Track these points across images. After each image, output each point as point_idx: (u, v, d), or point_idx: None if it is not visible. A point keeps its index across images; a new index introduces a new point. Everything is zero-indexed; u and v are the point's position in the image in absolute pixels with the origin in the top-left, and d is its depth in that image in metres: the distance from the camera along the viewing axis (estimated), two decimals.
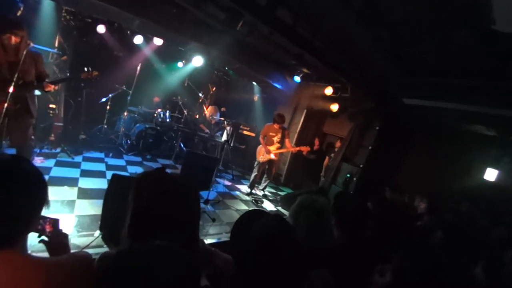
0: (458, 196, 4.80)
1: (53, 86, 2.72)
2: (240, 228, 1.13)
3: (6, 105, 2.38)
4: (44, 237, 1.04)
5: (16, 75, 2.37)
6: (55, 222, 1.05)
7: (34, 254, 0.82)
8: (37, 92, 2.85)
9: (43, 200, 0.78)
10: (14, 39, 2.32)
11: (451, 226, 2.77)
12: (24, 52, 2.39)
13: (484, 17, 2.25)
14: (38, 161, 3.90)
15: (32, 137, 2.95)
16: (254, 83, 7.10)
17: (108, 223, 2.60)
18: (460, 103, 4.04)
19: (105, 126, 5.83)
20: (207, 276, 1.22)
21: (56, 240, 1.05)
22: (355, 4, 2.81)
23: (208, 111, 6.93)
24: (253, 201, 5.00)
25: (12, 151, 2.92)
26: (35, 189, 0.75)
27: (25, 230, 0.77)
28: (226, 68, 6.90)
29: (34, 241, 1.06)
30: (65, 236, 1.11)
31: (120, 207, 2.64)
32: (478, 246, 2.45)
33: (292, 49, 4.54)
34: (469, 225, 3.05)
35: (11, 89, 2.37)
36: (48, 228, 1.02)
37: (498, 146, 4.95)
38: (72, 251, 1.12)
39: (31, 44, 2.49)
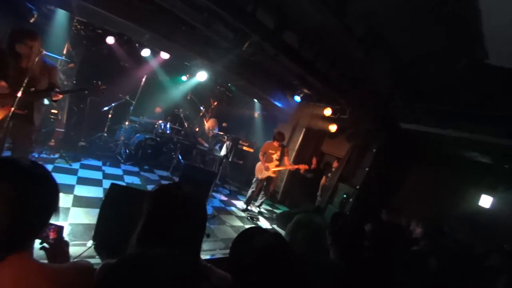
0: (454, 221, 4.81)
1: (61, 96, 2.78)
2: (239, 245, 1.14)
3: (13, 109, 2.41)
4: (45, 244, 1.04)
5: (26, 81, 2.42)
6: (59, 229, 1.05)
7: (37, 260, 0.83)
8: (45, 102, 2.90)
9: (56, 207, 0.80)
10: (25, 48, 2.38)
11: (448, 253, 2.77)
12: (36, 59, 2.45)
13: (478, 49, 2.38)
14: None
15: (33, 144, 2.97)
16: (255, 100, 7.24)
17: (102, 233, 2.57)
18: (456, 130, 4.14)
19: (105, 134, 5.85)
20: None
21: (58, 247, 1.05)
22: (357, 31, 2.96)
23: (207, 123, 6.99)
24: (249, 217, 4.95)
25: (7, 153, 2.94)
26: (51, 195, 0.77)
27: (37, 235, 0.78)
28: (229, 84, 7.06)
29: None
30: (67, 244, 1.11)
31: (117, 217, 2.62)
32: (474, 274, 2.45)
33: (295, 70, 4.70)
34: (466, 252, 3.05)
35: (19, 94, 2.42)
36: (52, 235, 1.03)
37: (493, 174, 5.03)
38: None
39: (43, 52, 2.57)
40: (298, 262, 1.30)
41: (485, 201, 4.94)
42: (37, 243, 1.08)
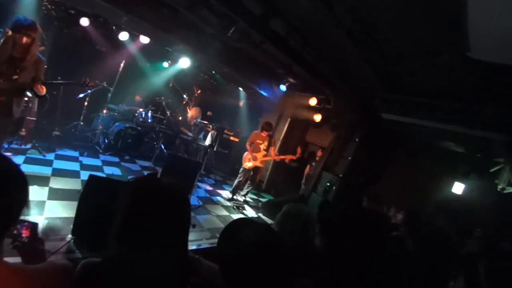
0: (431, 207, 5.09)
1: (44, 89, 2.62)
2: (228, 236, 1.11)
3: None
4: (17, 243, 0.95)
5: (10, 69, 2.36)
6: (33, 226, 0.97)
7: (7, 260, 0.76)
8: (28, 94, 2.76)
9: (25, 202, 0.72)
10: (25, 39, 2.35)
11: (426, 238, 2.92)
12: (31, 50, 2.42)
13: (462, 43, 2.44)
14: None
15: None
16: (241, 88, 7.12)
17: (81, 226, 2.46)
18: (433, 121, 4.31)
19: (82, 123, 5.54)
20: (193, 286, 1.18)
21: (32, 246, 0.97)
22: (345, 22, 2.93)
23: (191, 112, 6.82)
24: (234, 207, 4.95)
25: None
26: (18, 189, 0.70)
27: (4, 235, 0.71)
28: (214, 72, 6.87)
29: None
30: (42, 242, 1.03)
31: (96, 210, 2.52)
32: (453, 259, 2.60)
33: (281, 59, 4.63)
34: (443, 237, 3.23)
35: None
36: (25, 233, 0.94)
37: (466, 162, 5.33)
38: None
39: (43, 49, 2.47)
40: (287, 253, 1.30)
41: (458, 188, 5.24)
42: (8, 242, 1.00)
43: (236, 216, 4.60)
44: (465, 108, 3.99)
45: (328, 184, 5.35)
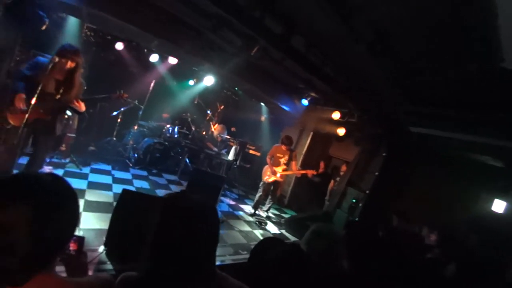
0: (466, 227, 4.70)
1: (84, 106, 2.86)
2: (259, 254, 1.13)
3: (27, 115, 2.47)
4: (65, 256, 1.03)
5: (54, 90, 2.60)
6: (80, 240, 1.05)
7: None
8: (68, 113, 3.02)
9: (78, 219, 0.79)
10: (69, 64, 2.60)
11: (466, 261, 2.71)
12: (75, 74, 2.68)
13: (494, 54, 2.34)
14: (47, 170, 3.93)
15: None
16: (262, 104, 7.24)
17: (114, 239, 2.58)
18: (467, 134, 4.07)
19: (114, 139, 5.91)
20: None
21: (78, 259, 1.05)
22: (365, 37, 2.94)
23: (216, 129, 7.02)
24: (257, 222, 4.92)
25: (25, 159, 3.00)
26: (73, 208, 0.77)
27: (62, 251, 0.78)
28: (236, 88, 7.08)
29: None
30: (86, 255, 1.10)
31: (128, 223, 2.64)
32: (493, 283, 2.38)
33: (302, 73, 4.69)
34: (484, 260, 2.96)
35: (33, 100, 2.48)
36: (72, 247, 1.02)
37: (506, 178, 4.91)
38: None
39: (82, 71, 2.75)
40: (315, 273, 1.29)
41: (498, 206, 4.82)
42: None
43: (258, 232, 4.56)
44: (500, 119, 3.74)
45: (353, 200, 5.17)
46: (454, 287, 2.53)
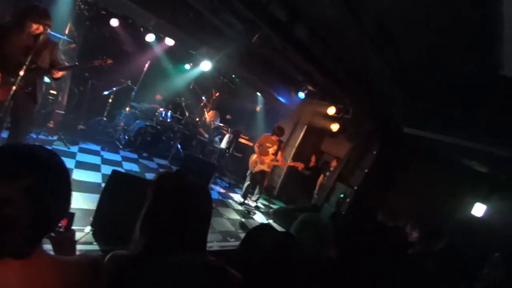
0: (448, 226, 4.89)
1: (61, 73, 2.70)
2: (251, 241, 1.13)
3: (14, 87, 2.35)
4: (53, 232, 1.00)
5: (29, 59, 2.36)
6: (71, 216, 1.01)
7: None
8: (46, 80, 2.84)
9: (71, 194, 0.76)
10: (41, 28, 2.38)
11: (443, 258, 2.81)
12: (41, 38, 2.41)
13: (494, 60, 2.36)
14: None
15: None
16: (259, 93, 7.17)
17: (101, 219, 2.54)
18: (457, 138, 4.16)
19: (105, 119, 5.75)
20: None
21: (66, 236, 1.01)
22: (368, 29, 2.91)
23: (209, 115, 6.93)
24: (246, 211, 4.96)
25: (5, 133, 2.87)
26: (67, 183, 0.74)
27: (56, 226, 0.75)
28: (233, 75, 6.97)
29: None
30: (73, 233, 1.07)
31: (116, 204, 2.60)
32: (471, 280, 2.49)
33: (301, 66, 4.65)
34: (460, 258, 3.09)
35: (21, 72, 2.36)
36: (63, 222, 0.99)
37: (489, 183, 5.10)
38: None
39: (49, 31, 2.50)
40: (304, 261, 1.30)
41: (478, 209, 5.00)
42: None
43: (246, 220, 4.60)
44: (491, 126, 3.84)
45: (341, 195, 5.26)
46: (432, 282, 2.63)
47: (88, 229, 2.57)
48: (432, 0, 2.20)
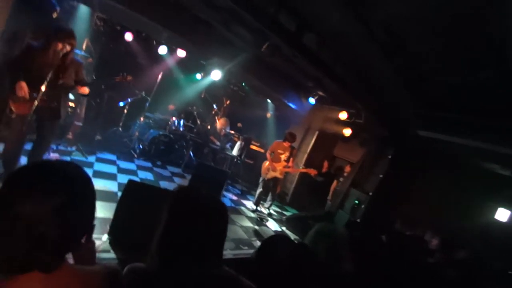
0: (469, 234, 4.67)
1: (85, 89, 2.83)
2: (268, 250, 1.13)
3: (37, 102, 2.48)
4: None
5: (51, 75, 2.50)
6: (91, 228, 1.04)
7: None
8: (71, 96, 2.97)
9: (95, 209, 0.79)
10: (67, 47, 2.51)
11: (466, 267, 2.69)
12: (68, 57, 2.58)
13: (509, 60, 2.29)
14: (53, 158, 3.97)
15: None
16: (269, 100, 7.21)
17: (118, 228, 2.60)
18: (476, 140, 4.01)
19: (120, 129, 5.94)
20: None
21: (87, 247, 1.05)
22: (378, 37, 2.89)
23: (219, 123, 7.02)
24: (258, 218, 4.93)
25: (29, 145, 3.02)
26: (92, 197, 0.77)
27: (82, 238, 0.79)
28: (243, 83, 7.05)
29: None
30: (94, 243, 1.11)
31: (133, 213, 2.65)
32: None
33: (311, 72, 4.65)
34: (483, 267, 2.95)
35: (43, 87, 2.49)
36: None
37: None
38: None
39: (90, 61, 2.69)
40: (319, 273, 1.29)
41: (502, 214, 4.77)
42: None
43: (259, 228, 4.57)
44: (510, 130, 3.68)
45: (356, 202, 5.15)
46: None
47: (105, 237, 2.64)
48: (443, 4, 2.16)
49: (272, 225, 4.97)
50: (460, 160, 5.08)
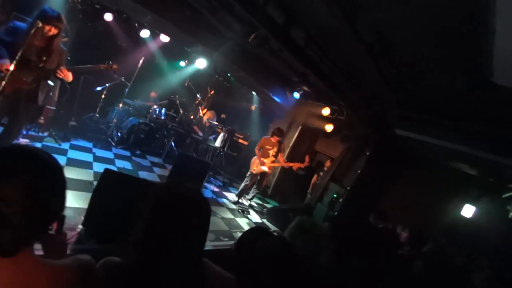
0: (437, 228, 5.00)
1: (67, 75, 2.71)
2: (246, 245, 1.13)
3: (21, 84, 2.37)
4: (44, 234, 0.98)
5: (38, 58, 2.45)
6: (62, 218, 0.99)
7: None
8: (50, 83, 2.87)
9: (65, 196, 0.76)
10: (53, 31, 2.44)
11: (431, 260, 2.87)
12: (55, 41, 2.51)
13: (484, 68, 2.41)
14: (22, 143, 3.72)
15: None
16: (254, 92, 7.16)
17: (93, 218, 2.50)
18: (449, 141, 4.25)
19: (97, 115, 5.66)
20: None
21: (57, 238, 1.00)
22: (365, 37, 2.94)
23: (206, 114, 6.90)
24: (240, 210, 4.96)
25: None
26: (63, 184, 0.74)
27: (48, 228, 0.75)
28: (229, 74, 6.93)
29: None
30: (65, 235, 1.06)
31: (109, 204, 2.56)
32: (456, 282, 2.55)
33: (297, 67, 4.65)
34: (448, 260, 3.17)
35: (12, 67, 2.32)
36: (54, 225, 0.97)
37: (478, 185, 5.22)
38: None
39: (66, 40, 2.57)
40: (299, 266, 1.31)
41: (468, 210, 5.13)
42: None
43: (240, 219, 4.61)
44: (481, 130, 3.93)
45: (335, 195, 5.31)
46: (419, 283, 2.68)
47: (79, 228, 2.54)
48: (427, 13, 2.24)
49: (253, 217, 5.03)
50: (432, 159, 5.37)
